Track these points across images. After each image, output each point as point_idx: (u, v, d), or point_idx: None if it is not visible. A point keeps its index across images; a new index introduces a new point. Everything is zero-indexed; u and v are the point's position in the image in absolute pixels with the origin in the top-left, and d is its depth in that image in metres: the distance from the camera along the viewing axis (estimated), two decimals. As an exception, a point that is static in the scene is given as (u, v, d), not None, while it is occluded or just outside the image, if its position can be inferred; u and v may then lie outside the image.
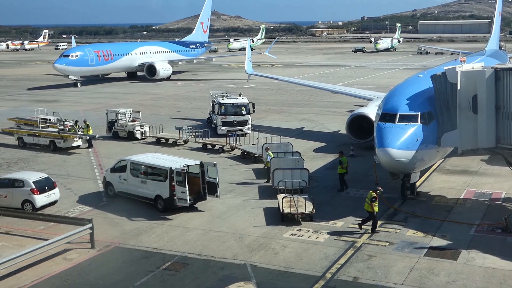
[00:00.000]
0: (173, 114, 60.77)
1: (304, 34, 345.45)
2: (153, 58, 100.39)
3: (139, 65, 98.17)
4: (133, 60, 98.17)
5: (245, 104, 48.94)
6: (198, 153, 42.01)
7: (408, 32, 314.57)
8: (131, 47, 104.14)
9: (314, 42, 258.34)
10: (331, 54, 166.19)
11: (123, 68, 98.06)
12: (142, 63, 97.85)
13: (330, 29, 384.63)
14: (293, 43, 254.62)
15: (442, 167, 37.34)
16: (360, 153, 40.68)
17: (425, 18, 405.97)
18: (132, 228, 27.23)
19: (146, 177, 30.36)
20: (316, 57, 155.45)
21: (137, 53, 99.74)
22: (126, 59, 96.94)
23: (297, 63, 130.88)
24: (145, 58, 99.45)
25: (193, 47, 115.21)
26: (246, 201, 31.08)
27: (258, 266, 22.75)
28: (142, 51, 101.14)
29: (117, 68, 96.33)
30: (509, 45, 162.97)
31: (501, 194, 31.30)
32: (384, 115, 29.38)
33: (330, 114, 59.17)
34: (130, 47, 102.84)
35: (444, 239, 25.13)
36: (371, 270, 22.23)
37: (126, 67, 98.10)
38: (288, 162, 33.22)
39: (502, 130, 27.90)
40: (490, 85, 27.75)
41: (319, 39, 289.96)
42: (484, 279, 21.34)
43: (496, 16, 70.23)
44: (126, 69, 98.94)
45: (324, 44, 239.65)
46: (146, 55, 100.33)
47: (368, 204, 26.10)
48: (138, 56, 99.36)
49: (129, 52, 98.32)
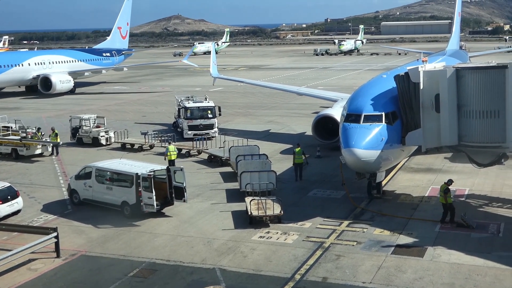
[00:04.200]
0: (138, 119, 60.29)
1: (269, 37, 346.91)
2: (53, 69, 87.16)
3: (34, 77, 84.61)
4: (25, 71, 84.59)
5: (211, 108, 48.79)
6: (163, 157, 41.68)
7: (371, 34, 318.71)
8: (23, 56, 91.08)
9: (278, 45, 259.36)
10: (296, 57, 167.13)
11: (14, 81, 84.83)
12: (38, 75, 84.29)
13: (294, 31, 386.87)
14: (257, 46, 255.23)
15: (406, 166, 37.82)
16: (326, 154, 40.94)
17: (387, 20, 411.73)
18: (98, 236, 26.87)
19: (112, 183, 30.02)
20: (281, 59, 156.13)
21: (31, 63, 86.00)
22: (16, 70, 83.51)
23: (262, 66, 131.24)
24: (42, 69, 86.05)
25: (107, 55, 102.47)
26: (214, 205, 30.97)
27: (227, 270, 22.68)
28: (38, 61, 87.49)
29: (5, 81, 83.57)
30: (469, 44, 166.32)
31: (464, 191, 31.83)
32: (349, 116, 29.62)
33: (296, 116, 59.44)
34: (23, 57, 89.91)
35: (410, 237, 25.44)
36: (339, 270, 22.36)
37: (17, 80, 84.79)
38: (255, 165, 33.24)
39: (464, 128, 28.39)
40: (451, 84, 28.24)
41: (283, 42, 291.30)
42: (450, 274, 21.66)
43: (456, 16, 71.54)
44: (19, 82, 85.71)
45: (289, 46, 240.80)
46: (43, 66, 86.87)
47: (441, 197, 26.98)
48: (33, 67, 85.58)
49: (20, 63, 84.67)
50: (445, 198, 26.83)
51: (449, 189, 27.08)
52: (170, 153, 38.36)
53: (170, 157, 38.23)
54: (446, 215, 26.90)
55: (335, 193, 32.48)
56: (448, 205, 26.93)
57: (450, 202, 27.00)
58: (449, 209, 26.99)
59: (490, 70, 27.98)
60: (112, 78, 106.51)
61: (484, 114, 27.75)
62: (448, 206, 26.97)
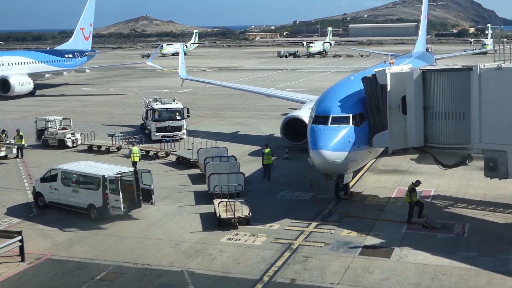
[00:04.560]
0: (106, 121, 59.65)
1: (238, 39, 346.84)
2: (12, 71, 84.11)
3: None
4: None
5: (179, 109, 48.57)
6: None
7: (339, 36, 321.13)
8: None
9: (247, 47, 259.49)
10: (265, 58, 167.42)
11: None
12: None
13: (263, 33, 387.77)
14: (226, 47, 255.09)
15: (374, 167, 38.16)
16: (294, 156, 41.07)
17: (355, 22, 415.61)
18: (64, 239, 26.47)
19: (78, 186, 29.65)
20: (250, 61, 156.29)
21: None
22: None
23: (231, 68, 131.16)
24: (0, 70, 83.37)
25: (70, 56, 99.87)
26: (182, 207, 30.79)
27: (195, 272, 22.56)
28: None
29: None
30: (435, 47, 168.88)
31: (430, 192, 32.24)
32: (317, 118, 29.77)
33: (264, 118, 59.53)
34: None
35: (378, 238, 25.66)
36: (307, 271, 22.43)
37: None
38: (223, 167, 33.16)
39: (430, 129, 28.77)
40: (418, 86, 28.59)
41: (252, 44, 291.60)
42: (416, 275, 21.90)
43: (422, 19, 72.61)
44: None
45: (258, 48, 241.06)
46: (1, 67, 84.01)
47: (407, 196, 27.39)
48: None
49: None
50: (410, 197, 27.15)
51: (414, 188, 27.45)
52: (134, 155, 38.14)
53: (133, 158, 38.01)
54: (412, 215, 27.21)
55: (303, 194, 32.59)
56: (413, 203, 27.24)
57: (415, 201, 27.32)
58: (416, 206, 27.36)
59: (456, 72, 28.40)
60: (78, 79, 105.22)
61: (449, 115, 28.17)
62: (414, 204, 27.29)
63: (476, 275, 21.71)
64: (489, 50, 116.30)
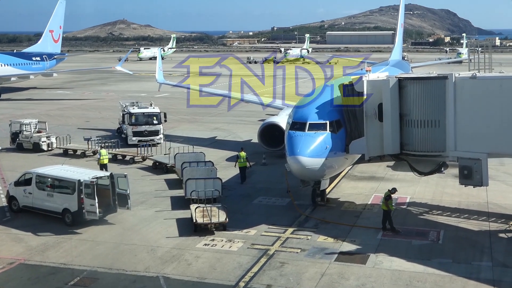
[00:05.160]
0: (82, 125, 59.16)
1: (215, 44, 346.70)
2: None
3: None
4: None
5: (156, 114, 48.37)
6: (108, 164, 40.91)
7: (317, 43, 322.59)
8: None
9: (225, 52, 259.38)
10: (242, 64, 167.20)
11: None
12: None
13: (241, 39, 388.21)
14: (204, 52, 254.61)
15: (350, 173, 38.38)
16: (272, 161, 41.14)
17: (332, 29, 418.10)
18: (38, 244, 26.14)
19: (53, 190, 29.32)
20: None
21: None
22: None
23: (209, 73, 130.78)
24: None
25: (37, 59, 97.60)
26: (158, 212, 30.62)
27: (171, 278, 22.44)
28: None
29: None
30: (411, 55, 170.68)
31: (406, 199, 32.52)
32: (294, 124, 29.87)
33: (242, 123, 59.55)
34: None
35: (354, 244, 25.78)
36: (283, 277, 22.44)
37: None
38: (200, 172, 33.06)
39: (406, 137, 29.03)
40: (394, 94, 28.84)
41: (230, 49, 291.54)
42: (391, 281, 22.05)
43: (399, 27, 73.30)
44: None
45: (235, 54, 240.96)
46: None
47: (383, 203, 27.41)
48: None
49: None
50: (387, 205, 27.35)
51: (390, 196, 27.64)
52: (103, 157, 38.02)
53: (102, 161, 37.93)
54: (386, 222, 27.39)
55: (280, 200, 32.64)
56: (389, 211, 27.43)
57: (391, 209, 27.52)
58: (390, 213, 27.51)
59: (431, 80, 28.72)
60: (55, 82, 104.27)
61: (425, 123, 28.45)
62: (386, 213, 27.43)
63: (450, 282, 21.94)
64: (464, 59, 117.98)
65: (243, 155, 36.79)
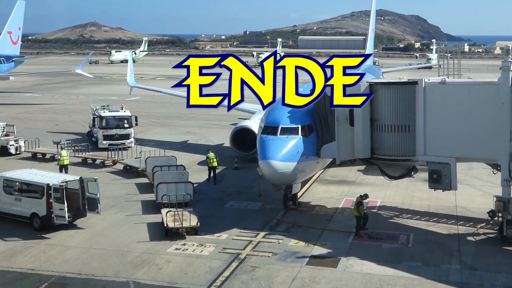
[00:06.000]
0: (51, 128, 58.39)
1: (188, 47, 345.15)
2: None
3: None
4: None
5: (127, 117, 48.02)
6: (78, 168, 40.51)
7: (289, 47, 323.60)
8: None
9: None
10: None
11: None
12: None
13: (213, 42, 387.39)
14: (176, 55, 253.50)
15: (322, 177, 38.56)
16: (244, 165, 41.12)
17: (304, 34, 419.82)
18: (5, 249, 25.67)
19: (21, 194, 28.87)
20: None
21: None
22: None
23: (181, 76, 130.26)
24: None
25: None
26: (129, 217, 30.35)
27: (141, 283, 22.24)
28: None
29: None
30: (382, 60, 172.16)
31: (376, 203, 32.76)
32: (266, 128, 29.92)
33: (214, 127, 59.44)
34: None
35: (325, 248, 25.89)
36: (255, 281, 22.41)
37: None
38: (172, 176, 32.85)
39: (377, 141, 29.25)
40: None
41: (202, 53, 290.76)
42: (362, 284, 22.18)
43: (370, 33, 73.99)
44: None
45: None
46: None
47: (355, 209, 27.53)
48: None
49: None
50: (358, 211, 27.52)
51: (362, 202, 27.82)
52: (63, 158, 37.83)
53: (62, 162, 37.67)
54: (359, 227, 27.57)
55: (252, 204, 32.62)
56: (361, 217, 27.63)
57: (363, 214, 27.74)
58: (362, 219, 27.72)
59: (401, 85, 29.01)
60: (24, 85, 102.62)
61: (395, 128, 28.69)
62: (361, 217, 27.68)
63: (420, 285, 22.16)
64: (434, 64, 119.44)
65: (211, 156, 37.14)
